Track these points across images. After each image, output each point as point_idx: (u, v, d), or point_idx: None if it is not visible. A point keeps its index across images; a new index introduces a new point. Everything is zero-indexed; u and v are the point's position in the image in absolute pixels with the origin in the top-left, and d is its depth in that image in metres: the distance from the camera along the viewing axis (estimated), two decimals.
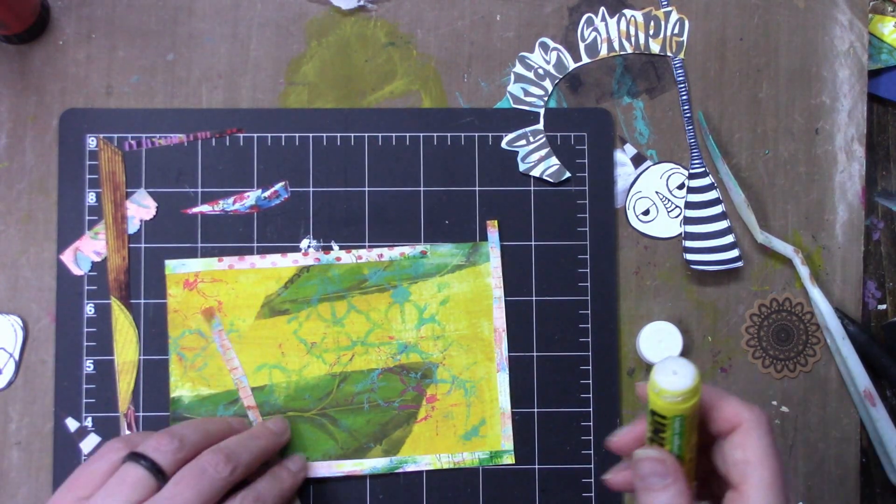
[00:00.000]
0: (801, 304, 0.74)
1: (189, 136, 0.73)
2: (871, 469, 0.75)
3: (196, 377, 0.71)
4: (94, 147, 0.73)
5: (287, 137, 0.73)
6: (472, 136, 0.74)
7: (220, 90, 0.74)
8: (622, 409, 0.73)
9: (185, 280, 0.72)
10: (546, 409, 0.73)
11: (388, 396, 0.72)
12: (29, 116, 0.73)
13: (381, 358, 0.72)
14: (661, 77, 0.75)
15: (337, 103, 0.74)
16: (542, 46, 0.75)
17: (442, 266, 0.73)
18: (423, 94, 0.74)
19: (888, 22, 0.77)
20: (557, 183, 0.74)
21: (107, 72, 0.74)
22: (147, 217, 0.72)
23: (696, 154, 0.75)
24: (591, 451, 0.73)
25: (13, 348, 0.71)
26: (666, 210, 0.75)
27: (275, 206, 0.73)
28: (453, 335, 0.72)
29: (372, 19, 0.75)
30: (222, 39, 0.74)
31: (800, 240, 0.75)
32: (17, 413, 0.71)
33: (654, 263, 0.74)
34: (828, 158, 0.75)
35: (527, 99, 0.75)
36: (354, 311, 0.72)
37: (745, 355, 0.74)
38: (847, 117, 0.75)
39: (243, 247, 0.73)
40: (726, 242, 0.73)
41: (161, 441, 0.59)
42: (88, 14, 0.74)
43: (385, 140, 0.74)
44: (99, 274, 0.72)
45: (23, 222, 0.72)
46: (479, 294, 0.73)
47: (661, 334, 0.72)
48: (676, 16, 0.75)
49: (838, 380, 0.74)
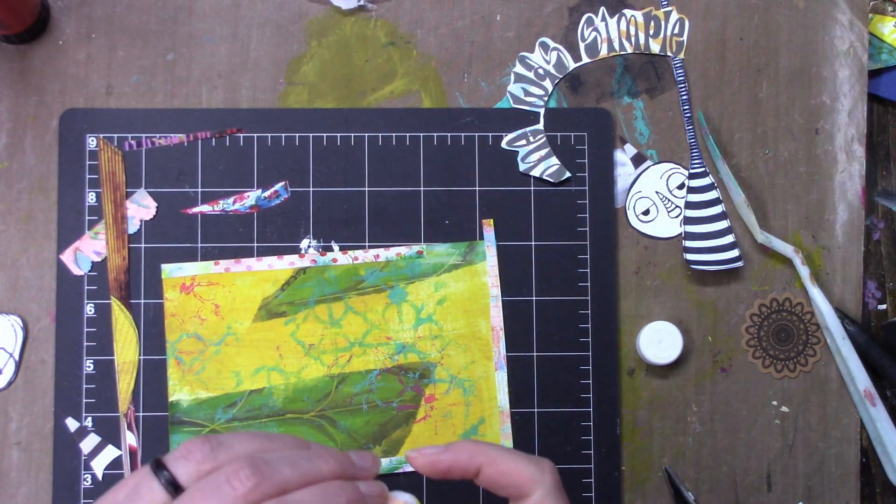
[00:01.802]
0: (801, 304, 0.74)
1: (189, 136, 0.73)
2: (871, 469, 0.75)
3: (194, 381, 0.71)
4: (94, 147, 0.73)
5: (287, 137, 0.73)
6: (472, 136, 0.74)
7: (220, 90, 0.74)
8: (622, 409, 0.73)
9: (182, 284, 0.72)
10: (546, 409, 0.73)
11: (386, 397, 0.72)
12: (29, 116, 0.73)
13: (379, 359, 0.72)
14: (661, 77, 0.75)
15: (337, 103, 0.74)
16: (543, 46, 0.75)
17: (438, 266, 0.73)
18: (423, 94, 0.74)
19: (888, 22, 0.77)
20: (557, 183, 0.74)
21: (107, 72, 0.74)
22: (147, 217, 0.73)
23: (696, 154, 0.74)
24: (591, 451, 0.73)
25: (13, 348, 0.71)
26: (666, 210, 0.75)
27: (275, 206, 0.73)
28: (451, 335, 0.72)
29: (372, 19, 0.75)
30: (222, 39, 0.74)
31: (800, 240, 0.75)
32: (17, 413, 0.71)
33: (654, 263, 0.74)
34: (828, 158, 0.75)
35: (527, 99, 0.74)
36: (352, 313, 0.72)
37: (746, 355, 0.74)
38: (847, 117, 0.75)
39: (243, 247, 0.73)
40: (726, 242, 0.73)
41: (191, 448, 0.47)
42: (88, 14, 0.74)
43: (385, 140, 0.74)
44: (99, 274, 0.72)
45: (23, 222, 0.73)
46: (476, 293, 0.73)
47: (661, 334, 0.72)
48: (676, 16, 0.75)
49: (838, 380, 0.74)
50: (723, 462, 0.74)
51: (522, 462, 0.47)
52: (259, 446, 0.47)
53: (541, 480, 0.47)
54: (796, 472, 0.74)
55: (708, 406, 0.74)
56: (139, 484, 0.46)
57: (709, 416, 0.74)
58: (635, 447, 0.73)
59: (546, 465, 0.47)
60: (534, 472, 0.47)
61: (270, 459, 0.45)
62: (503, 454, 0.48)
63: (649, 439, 0.73)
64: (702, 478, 0.73)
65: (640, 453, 0.73)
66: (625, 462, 0.73)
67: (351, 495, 0.46)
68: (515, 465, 0.47)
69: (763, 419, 0.74)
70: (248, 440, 0.47)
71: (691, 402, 0.74)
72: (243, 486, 0.43)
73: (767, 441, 0.74)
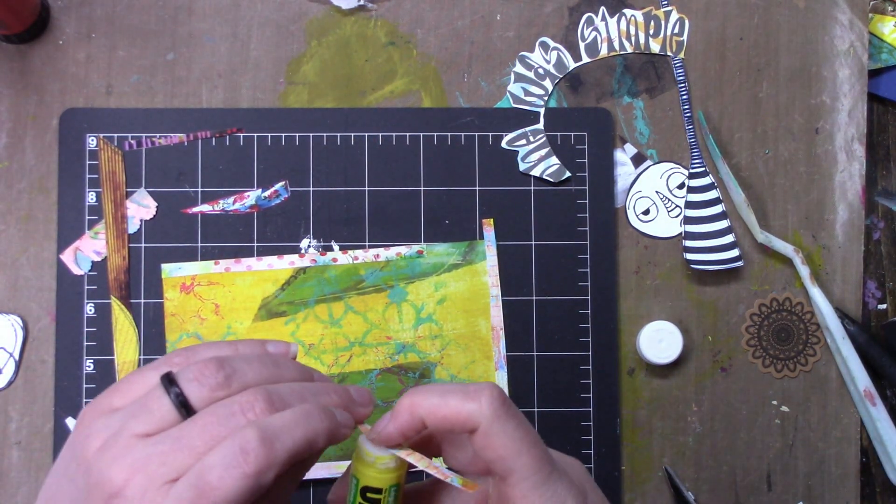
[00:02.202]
0: (801, 304, 0.74)
1: (189, 136, 0.73)
2: (871, 469, 0.75)
3: None
4: (94, 147, 0.73)
5: (287, 137, 0.73)
6: (472, 135, 0.74)
7: (220, 90, 0.74)
8: (622, 409, 0.73)
9: (182, 283, 0.72)
10: (546, 409, 0.73)
11: (386, 397, 0.72)
12: (29, 116, 0.73)
13: (379, 358, 0.72)
14: (661, 77, 0.75)
15: (337, 103, 0.74)
16: (543, 46, 0.75)
17: (438, 265, 0.73)
18: (423, 94, 0.74)
19: (888, 22, 0.77)
20: (557, 183, 0.74)
21: (107, 72, 0.74)
22: (147, 217, 0.73)
23: (696, 154, 0.74)
24: (591, 451, 0.73)
25: (13, 348, 0.71)
26: (666, 210, 0.75)
27: (275, 206, 0.73)
28: (451, 334, 0.72)
29: (372, 19, 0.75)
30: (222, 39, 0.74)
31: (800, 239, 0.75)
32: (17, 413, 0.71)
33: (655, 263, 0.74)
34: (828, 158, 0.75)
35: (527, 98, 0.74)
36: (352, 312, 0.72)
37: (746, 355, 0.74)
38: (847, 117, 0.75)
39: (243, 247, 0.73)
40: (726, 242, 0.73)
41: (204, 371, 0.47)
42: (88, 14, 0.74)
43: (385, 140, 0.74)
44: (99, 274, 0.72)
45: (23, 222, 0.73)
46: (476, 293, 0.73)
47: (661, 334, 0.72)
48: (676, 15, 0.75)
49: (838, 379, 0.74)
50: (723, 462, 0.74)
51: (457, 399, 0.45)
52: (269, 375, 0.47)
53: (479, 411, 0.45)
54: (796, 472, 0.74)
55: (708, 406, 0.74)
56: (149, 397, 0.46)
57: (709, 415, 0.74)
58: (635, 447, 0.73)
59: (483, 393, 0.45)
60: (471, 408, 0.45)
61: (283, 394, 0.46)
62: (439, 398, 0.46)
63: (649, 439, 0.73)
64: (702, 478, 0.73)
65: (640, 453, 0.73)
66: (625, 462, 0.73)
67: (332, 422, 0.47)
68: (453, 407, 0.45)
69: (763, 419, 0.74)
70: (259, 369, 0.47)
71: (691, 402, 0.74)
72: (257, 418, 0.44)
73: (767, 441, 0.74)
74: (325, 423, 0.46)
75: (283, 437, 0.44)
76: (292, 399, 0.46)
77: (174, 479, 0.43)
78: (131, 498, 0.43)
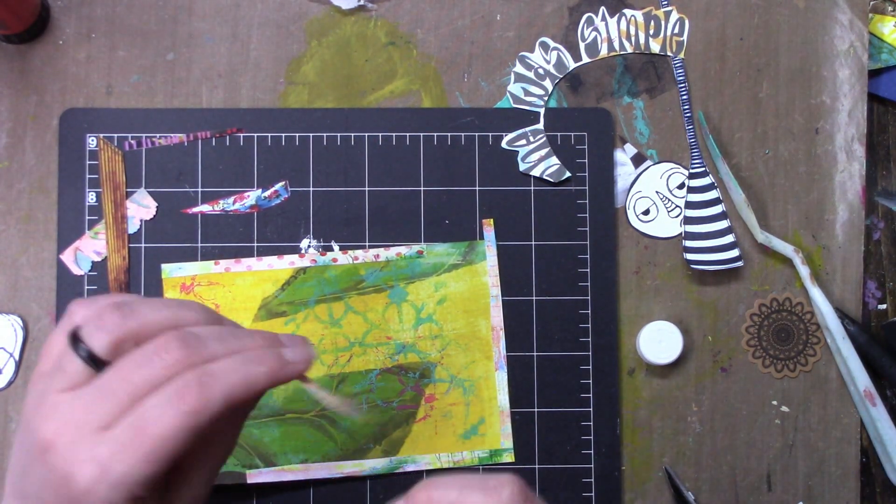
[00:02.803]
0: (801, 304, 0.74)
1: (189, 136, 0.73)
2: (871, 469, 0.75)
3: None
4: (94, 147, 0.73)
5: (287, 137, 0.73)
6: (472, 135, 0.74)
7: (220, 90, 0.74)
8: (622, 409, 0.73)
9: (182, 283, 0.72)
10: (546, 408, 0.73)
11: (386, 397, 0.72)
12: (29, 116, 0.73)
13: (379, 358, 0.72)
14: (662, 77, 0.75)
15: (337, 103, 0.74)
16: (543, 46, 0.75)
17: (439, 265, 0.73)
18: (423, 94, 0.75)
19: (888, 22, 0.77)
20: (557, 183, 0.74)
21: (107, 71, 0.74)
22: (147, 217, 0.73)
23: (696, 154, 0.74)
24: (591, 451, 0.73)
25: (13, 348, 0.71)
26: (666, 210, 0.75)
27: (275, 206, 0.73)
28: (451, 334, 0.72)
29: (372, 19, 0.75)
30: (222, 39, 0.74)
31: (800, 239, 0.75)
32: (17, 413, 0.71)
33: (655, 263, 0.74)
34: (828, 158, 0.75)
35: (527, 99, 0.75)
36: (352, 312, 0.72)
37: (746, 355, 0.74)
38: (847, 117, 0.75)
39: (243, 247, 0.73)
40: (726, 242, 0.73)
41: (102, 315, 0.46)
42: (88, 14, 0.74)
43: (385, 140, 0.74)
44: (99, 274, 0.72)
45: (23, 222, 0.73)
46: (476, 293, 0.73)
47: (661, 334, 0.72)
48: (676, 15, 0.75)
49: (838, 380, 0.74)
50: (723, 462, 0.74)
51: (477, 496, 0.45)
52: (170, 314, 0.47)
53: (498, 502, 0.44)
54: (796, 472, 0.74)
55: (708, 406, 0.74)
56: (61, 359, 0.47)
57: (709, 415, 0.74)
58: (635, 447, 0.73)
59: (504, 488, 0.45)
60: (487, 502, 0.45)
61: (200, 334, 0.46)
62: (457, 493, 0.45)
63: (649, 439, 0.74)
64: (702, 478, 0.74)
65: (640, 453, 0.73)
66: (625, 462, 0.73)
67: (273, 363, 0.47)
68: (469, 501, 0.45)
69: (763, 419, 0.74)
70: (159, 307, 0.47)
71: (691, 402, 0.74)
72: (173, 357, 0.45)
73: (767, 441, 0.74)
74: (264, 366, 0.46)
75: (221, 378, 0.45)
76: (210, 340, 0.46)
77: (105, 426, 0.44)
78: (63, 447, 0.44)
